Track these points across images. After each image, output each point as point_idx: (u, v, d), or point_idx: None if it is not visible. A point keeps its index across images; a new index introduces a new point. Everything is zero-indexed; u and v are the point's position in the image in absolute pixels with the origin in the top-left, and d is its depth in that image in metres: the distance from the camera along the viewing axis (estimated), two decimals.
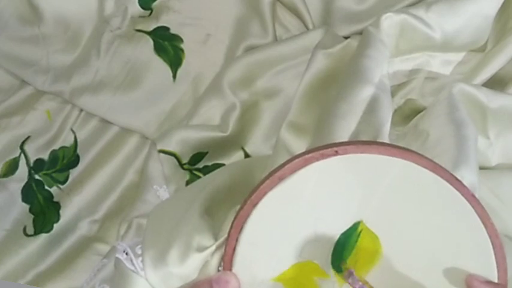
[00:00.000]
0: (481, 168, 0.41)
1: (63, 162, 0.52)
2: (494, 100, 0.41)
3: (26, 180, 0.52)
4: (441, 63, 0.46)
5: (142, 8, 0.53)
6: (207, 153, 0.48)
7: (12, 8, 0.53)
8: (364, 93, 0.38)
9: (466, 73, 0.46)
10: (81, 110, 0.53)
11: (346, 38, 0.49)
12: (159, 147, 0.47)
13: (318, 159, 0.26)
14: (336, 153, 0.26)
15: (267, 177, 0.27)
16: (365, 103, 0.38)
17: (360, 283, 0.26)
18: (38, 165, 0.52)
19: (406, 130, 0.43)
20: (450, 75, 0.46)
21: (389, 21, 0.43)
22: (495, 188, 0.39)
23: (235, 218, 0.27)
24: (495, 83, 0.45)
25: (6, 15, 0.53)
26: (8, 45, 0.53)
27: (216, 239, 0.29)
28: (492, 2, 0.44)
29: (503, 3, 0.44)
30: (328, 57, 0.46)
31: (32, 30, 0.53)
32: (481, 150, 0.41)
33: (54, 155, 0.52)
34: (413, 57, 0.45)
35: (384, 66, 0.41)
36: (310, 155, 0.26)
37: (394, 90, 0.46)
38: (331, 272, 0.28)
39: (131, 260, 0.31)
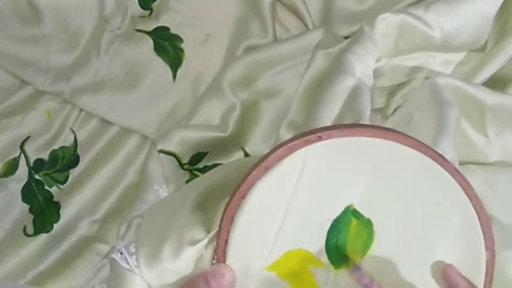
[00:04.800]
0: (480, 164, 0.42)
1: (63, 162, 0.52)
2: (491, 97, 0.41)
3: (26, 180, 0.52)
4: (441, 63, 0.46)
5: (142, 8, 0.53)
6: (207, 153, 0.48)
7: (12, 8, 0.53)
8: (346, 84, 0.40)
9: (466, 73, 0.46)
10: (81, 110, 0.53)
11: (346, 38, 0.49)
12: (159, 147, 0.47)
13: (302, 146, 0.26)
14: (320, 138, 0.26)
15: (253, 168, 0.27)
16: (347, 92, 0.40)
17: (368, 279, 0.26)
18: (38, 165, 0.52)
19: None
20: (450, 75, 0.46)
21: (387, 22, 0.43)
22: (491, 181, 0.40)
23: (225, 210, 0.28)
24: (495, 83, 0.45)
25: (6, 15, 0.53)
26: (8, 45, 0.53)
27: (208, 232, 0.29)
28: (491, 1, 0.44)
29: (503, 3, 0.44)
30: (328, 57, 0.46)
31: (32, 30, 0.53)
32: (480, 148, 0.42)
33: (54, 155, 0.52)
34: (413, 57, 0.45)
35: (368, 63, 0.42)
36: (294, 142, 0.26)
37: (394, 90, 0.46)
38: (326, 260, 0.28)
39: (126, 259, 0.31)
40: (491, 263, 0.28)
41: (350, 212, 0.27)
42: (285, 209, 0.27)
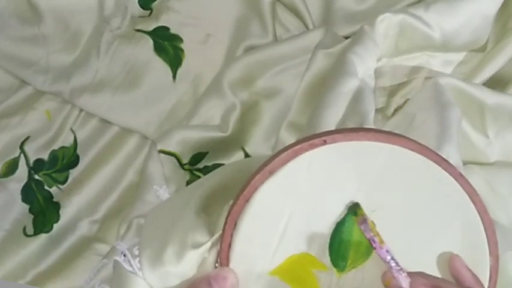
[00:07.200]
0: (480, 164, 0.42)
1: (63, 162, 0.52)
2: (491, 97, 0.41)
3: (25, 180, 0.52)
4: (441, 63, 0.46)
5: (142, 7, 0.53)
6: (207, 153, 0.48)
7: (12, 8, 0.53)
8: (349, 85, 0.40)
9: (466, 73, 0.46)
10: (81, 110, 0.53)
11: (346, 38, 0.49)
12: (159, 148, 0.47)
13: (307, 150, 0.26)
14: (325, 142, 0.26)
15: (257, 172, 0.27)
16: (350, 94, 0.40)
17: (371, 234, 0.26)
18: (37, 165, 0.52)
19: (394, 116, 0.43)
20: (450, 75, 0.46)
21: (387, 22, 0.43)
22: (492, 181, 0.40)
23: (228, 214, 0.27)
24: (495, 83, 0.45)
25: (6, 15, 0.53)
26: (8, 45, 0.53)
27: (211, 235, 0.29)
28: (491, 1, 0.44)
29: (503, 3, 0.44)
30: (329, 57, 0.46)
31: (32, 30, 0.53)
32: (480, 148, 0.42)
33: (54, 155, 0.52)
34: (413, 57, 0.45)
35: (369, 64, 0.42)
36: (299, 146, 0.26)
37: (394, 90, 0.46)
38: (329, 263, 0.28)
39: (129, 261, 0.31)
40: (495, 268, 0.28)
41: (353, 216, 0.27)
42: (289, 212, 0.27)
